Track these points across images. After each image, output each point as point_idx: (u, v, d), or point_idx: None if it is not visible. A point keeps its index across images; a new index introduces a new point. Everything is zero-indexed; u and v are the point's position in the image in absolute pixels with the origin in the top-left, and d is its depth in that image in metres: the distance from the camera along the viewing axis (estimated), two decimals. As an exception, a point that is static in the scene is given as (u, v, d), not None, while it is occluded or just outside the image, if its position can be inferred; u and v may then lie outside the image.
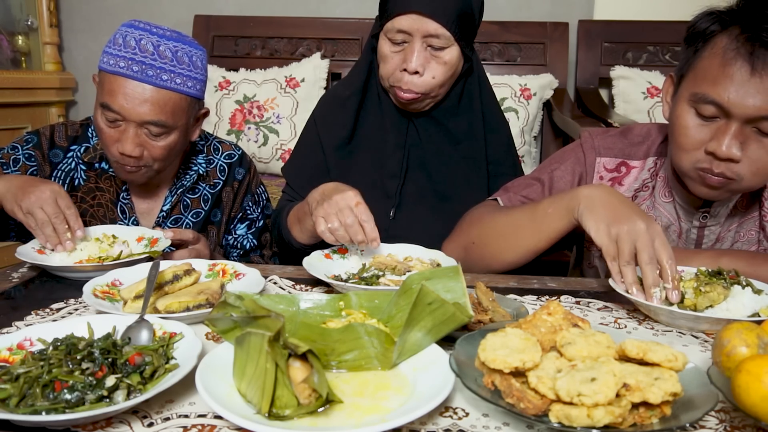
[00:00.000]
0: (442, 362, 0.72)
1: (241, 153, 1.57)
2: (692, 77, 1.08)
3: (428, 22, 1.28)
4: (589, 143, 1.31)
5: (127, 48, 1.26)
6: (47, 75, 2.99)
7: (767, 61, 0.98)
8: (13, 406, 0.65)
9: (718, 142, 1.03)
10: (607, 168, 1.28)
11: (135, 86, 1.25)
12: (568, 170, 1.31)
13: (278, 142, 2.70)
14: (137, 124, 1.27)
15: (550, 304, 0.76)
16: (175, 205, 1.47)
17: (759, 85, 0.98)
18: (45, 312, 0.97)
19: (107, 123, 1.28)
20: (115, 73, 1.25)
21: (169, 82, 1.27)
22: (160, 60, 1.26)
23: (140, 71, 1.24)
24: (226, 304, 0.76)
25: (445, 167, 1.46)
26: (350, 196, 1.14)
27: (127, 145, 1.27)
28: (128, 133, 1.27)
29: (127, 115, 1.25)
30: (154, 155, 1.31)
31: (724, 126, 1.04)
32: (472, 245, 1.21)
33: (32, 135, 1.41)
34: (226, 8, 3.08)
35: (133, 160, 1.29)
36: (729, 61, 1.01)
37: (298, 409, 0.65)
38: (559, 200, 1.11)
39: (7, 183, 1.21)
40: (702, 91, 1.04)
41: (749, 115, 1.00)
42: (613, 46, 2.85)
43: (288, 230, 1.37)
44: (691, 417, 0.62)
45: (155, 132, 1.29)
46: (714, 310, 0.97)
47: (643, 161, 1.27)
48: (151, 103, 1.26)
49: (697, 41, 1.08)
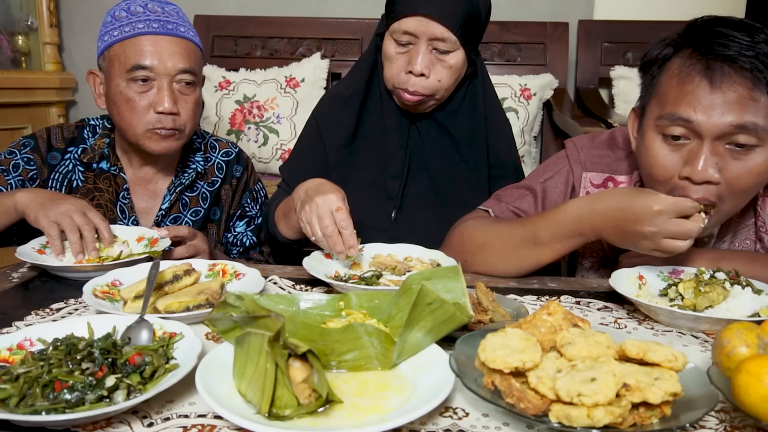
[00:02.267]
0: (442, 362, 0.72)
1: (238, 150, 1.57)
2: (655, 103, 1.06)
3: (435, 26, 1.28)
4: (575, 157, 1.28)
5: (136, 15, 1.32)
6: (47, 75, 2.99)
7: (725, 72, 0.95)
8: (13, 406, 0.65)
9: (692, 166, 0.99)
10: (593, 183, 1.25)
11: (161, 39, 1.30)
12: (561, 180, 1.29)
13: (278, 142, 2.70)
14: (170, 78, 1.31)
15: (550, 304, 0.76)
16: (174, 203, 1.47)
17: (721, 98, 0.96)
18: (45, 312, 0.97)
19: (138, 89, 1.31)
20: (138, 34, 1.30)
21: (186, 33, 1.35)
22: (172, 16, 1.34)
23: (160, 26, 1.31)
24: (226, 304, 0.76)
25: (447, 169, 1.46)
26: (332, 200, 1.13)
27: (166, 101, 1.30)
28: (163, 90, 1.31)
29: (161, 69, 1.30)
30: (188, 112, 1.35)
31: (695, 147, 1.00)
32: (466, 263, 1.19)
33: (29, 139, 1.41)
34: (226, 8, 3.08)
35: (170, 119, 1.32)
36: (687, 79, 0.99)
37: (298, 409, 0.65)
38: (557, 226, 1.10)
39: (33, 194, 1.22)
40: (667, 111, 1.01)
41: (719, 130, 0.97)
42: (613, 46, 2.85)
43: (274, 224, 1.37)
44: (691, 417, 0.62)
45: (188, 80, 1.34)
46: (714, 310, 0.97)
47: (629, 176, 1.23)
48: (180, 53, 1.32)
49: (653, 68, 1.07)
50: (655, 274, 1.10)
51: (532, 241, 1.14)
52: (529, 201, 1.30)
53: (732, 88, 0.95)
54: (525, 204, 1.30)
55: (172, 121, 1.33)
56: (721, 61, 0.96)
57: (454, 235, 1.27)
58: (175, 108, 1.32)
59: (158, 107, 1.31)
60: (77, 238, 1.16)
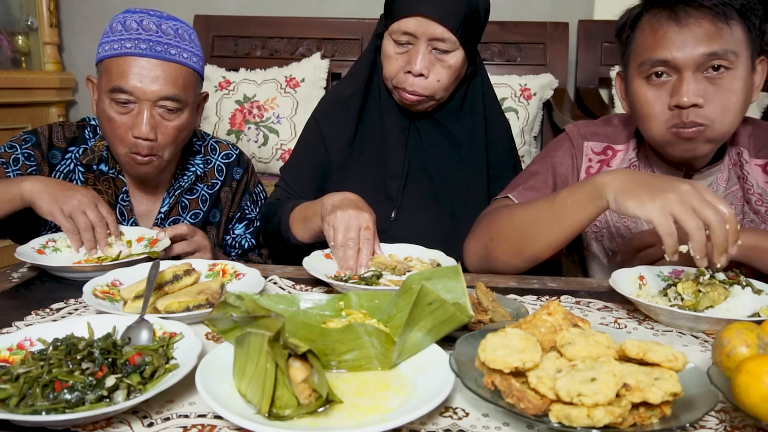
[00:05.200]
0: (442, 362, 0.72)
1: (238, 152, 1.56)
2: (633, 57, 1.18)
3: (435, 26, 1.28)
4: (575, 131, 1.35)
5: (129, 31, 1.26)
6: (47, 75, 2.99)
7: (688, 13, 1.08)
8: (13, 406, 0.65)
9: (678, 95, 1.10)
10: (594, 151, 1.32)
11: (145, 63, 1.25)
12: (566, 155, 1.34)
13: (278, 142, 2.70)
14: (151, 104, 1.27)
15: (550, 304, 0.76)
16: (173, 206, 1.46)
17: (689, 35, 1.08)
18: (45, 312, 0.97)
19: (119, 110, 1.27)
20: (123, 54, 1.25)
21: (177, 56, 1.28)
22: (165, 36, 1.27)
23: (148, 48, 1.25)
24: (226, 304, 0.76)
25: (447, 169, 1.46)
26: (365, 217, 1.16)
27: (143, 127, 1.26)
28: (142, 115, 1.26)
29: (141, 94, 1.25)
30: (167, 138, 1.31)
31: (677, 80, 1.11)
32: (492, 242, 1.20)
33: (30, 135, 1.40)
34: (226, 8, 3.08)
35: (147, 146, 1.28)
36: (656, 26, 1.12)
37: (298, 409, 0.65)
38: (577, 191, 1.08)
39: (42, 184, 1.21)
40: (646, 58, 1.13)
41: (694, 62, 1.09)
42: (613, 46, 2.82)
43: (288, 226, 1.37)
44: (691, 417, 0.62)
45: (170, 107, 1.28)
46: (714, 310, 0.97)
47: (627, 144, 1.32)
48: (164, 78, 1.26)
49: (626, 30, 1.19)
50: (655, 274, 1.10)
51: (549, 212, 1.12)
52: (541, 178, 1.32)
53: (697, 24, 1.08)
54: (539, 182, 1.32)
55: (149, 148, 1.29)
56: (684, 4, 1.09)
57: (480, 219, 1.30)
58: (152, 134, 1.27)
59: (135, 132, 1.27)
60: (91, 236, 1.18)
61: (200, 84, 1.38)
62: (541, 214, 1.14)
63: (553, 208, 1.11)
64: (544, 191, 1.30)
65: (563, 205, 1.09)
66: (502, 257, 1.20)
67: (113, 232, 1.22)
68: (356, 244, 1.14)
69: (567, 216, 1.09)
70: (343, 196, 1.22)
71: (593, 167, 1.32)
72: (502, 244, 1.19)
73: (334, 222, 1.16)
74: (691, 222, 0.92)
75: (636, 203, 0.97)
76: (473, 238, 1.28)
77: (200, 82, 1.38)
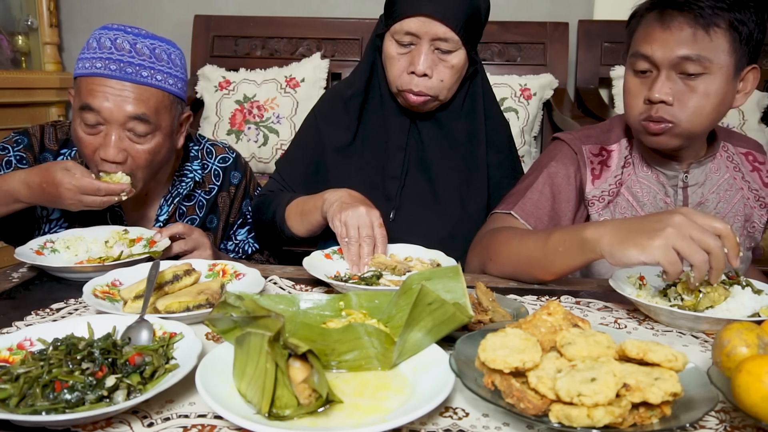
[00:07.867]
0: (442, 362, 0.72)
1: (235, 156, 1.53)
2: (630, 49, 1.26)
3: (437, 26, 1.28)
4: (569, 137, 1.38)
5: (102, 49, 1.22)
6: (47, 75, 2.99)
7: (674, 16, 1.17)
8: (13, 406, 0.65)
9: (651, 90, 1.19)
10: (592, 153, 1.35)
11: (114, 84, 1.20)
12: (563, 163, 1.34)
13: (278, 142, 2.70)
14: (120, 126, 1.22)
15: (550, 304, 0.76)
16: (172, 214, 1.42)
17: (671, 36, 1.16)
18: (45, 312, 0.97)
19: (87, 129, 1.23)
20: (93, 74, 1.21)
21: (150, 78, 1.23)
22: (138, 57, 1.22)
23: (118, 69, 1.20)
24: (226, 304, 0.76)
25: (446, 170, 1.45)
26: (377, 214, 1.18)
27: (110, 149, 1.21)
28: (110, 138, 1.21)
29: (108, 115, 1.21)
30: (138, 161, 1.25)
31: (654, 76, 1.20)
32: (490, 261, 1.24)
33: (21, 136, 1.36)
34: (226, 8, 3.08)
35: (115, 167, 1.23)
36: (649, 23, 1.21)
37: (298, 409, 0.65)
38: (569, 239, 1.07)
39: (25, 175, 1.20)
40: (634, 50, 1.23)
41: (669, 61, 1.17)
42: (613, 46, 2.85)
43: (283, 219, 1.37)
44: (691, 417, 0.62)
45: (140, 131, 1.23)
46: (714, 310, 0.97)
47: (618, 143, 1.36)
48: (133, 100, 1.21)
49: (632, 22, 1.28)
50: (655, 274, 1.10)
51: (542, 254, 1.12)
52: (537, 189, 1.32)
53: (679, 28, 1.16)
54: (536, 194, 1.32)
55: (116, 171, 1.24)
56: (672, 8, 1.17)
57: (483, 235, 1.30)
58: (119, 157, 1.22)
59: (101, 154, 1.22)
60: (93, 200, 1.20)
61: (179, 105, 1.32)
62: (534, 253, 1.14)
63: (545, 252, 1.11)
64: (543, 204, 1.31)
65: (555, 252, 1.09)
66: (500, 276, 1.23)
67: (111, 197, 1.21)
68: (372, 240, 1.16)
69: (558, 261, 1.09)
70: (347, 193, 1.23)
71: (596, 169, 1.32)
72: (498, 267, 1.22)
73: (346, 219, 1.17)
74: (697, 256, 0.91)
75: (637, 250, 0.94)
76: (474, 254, 1.30)
77: (179, 103, 1.32)
